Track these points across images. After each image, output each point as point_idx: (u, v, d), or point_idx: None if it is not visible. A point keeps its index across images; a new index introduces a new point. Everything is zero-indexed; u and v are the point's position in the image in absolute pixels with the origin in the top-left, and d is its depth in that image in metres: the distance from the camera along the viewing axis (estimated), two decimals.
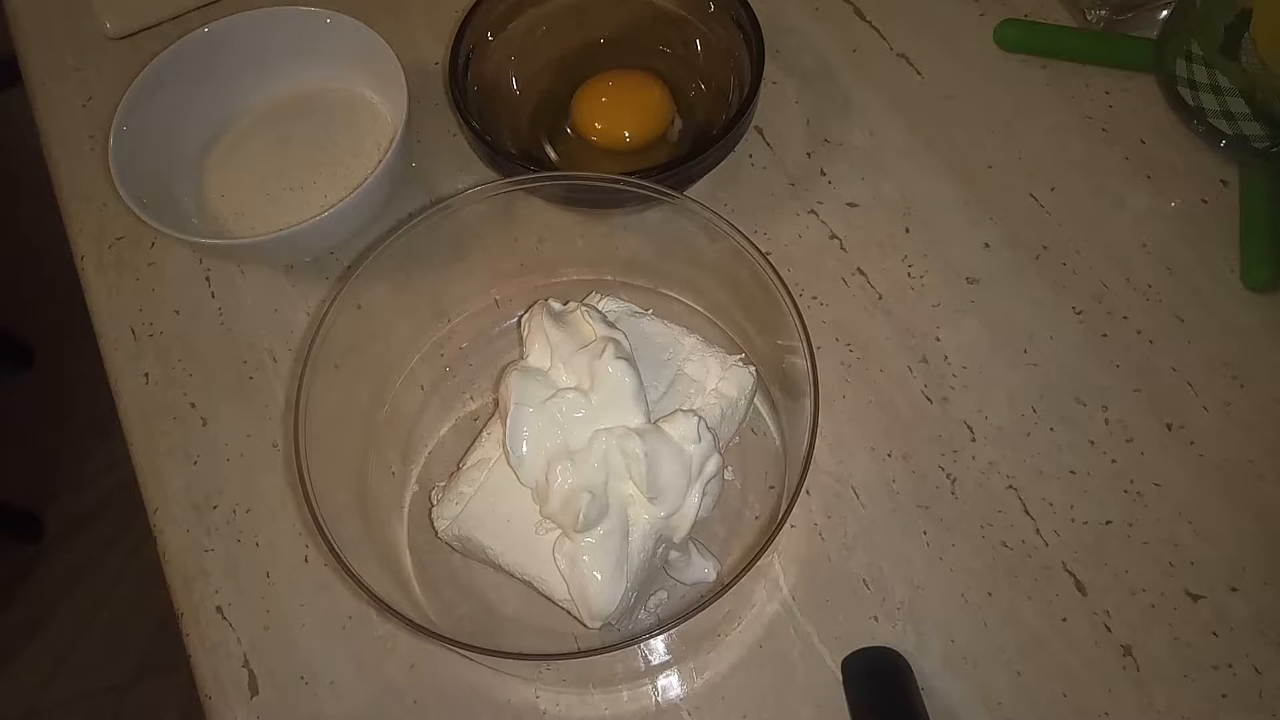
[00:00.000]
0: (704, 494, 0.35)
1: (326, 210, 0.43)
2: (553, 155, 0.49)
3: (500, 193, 0.41)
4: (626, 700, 0.38)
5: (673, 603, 0.39)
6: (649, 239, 0.47)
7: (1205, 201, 0.46)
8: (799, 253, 0.47)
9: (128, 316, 0.48)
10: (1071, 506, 0.40)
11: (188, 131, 0.50)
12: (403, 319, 0.45)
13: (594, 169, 0.48)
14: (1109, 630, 0.38)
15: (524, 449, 0.35)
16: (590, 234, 0.48)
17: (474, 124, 0.44)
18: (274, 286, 0.48)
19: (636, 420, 0.35)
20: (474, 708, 0.38)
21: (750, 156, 0.50)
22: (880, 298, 0.45)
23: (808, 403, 0.34)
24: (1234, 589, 0.38)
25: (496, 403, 0.39)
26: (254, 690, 0.39)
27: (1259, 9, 0.41)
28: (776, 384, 0.42)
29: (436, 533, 0.38)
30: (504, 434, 0.36)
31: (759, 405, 0.42)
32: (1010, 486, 0.41)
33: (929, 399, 0.43)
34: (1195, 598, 0.38)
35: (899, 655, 0.37)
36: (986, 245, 0.46)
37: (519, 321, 0.41)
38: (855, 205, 0.48)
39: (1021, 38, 0.51)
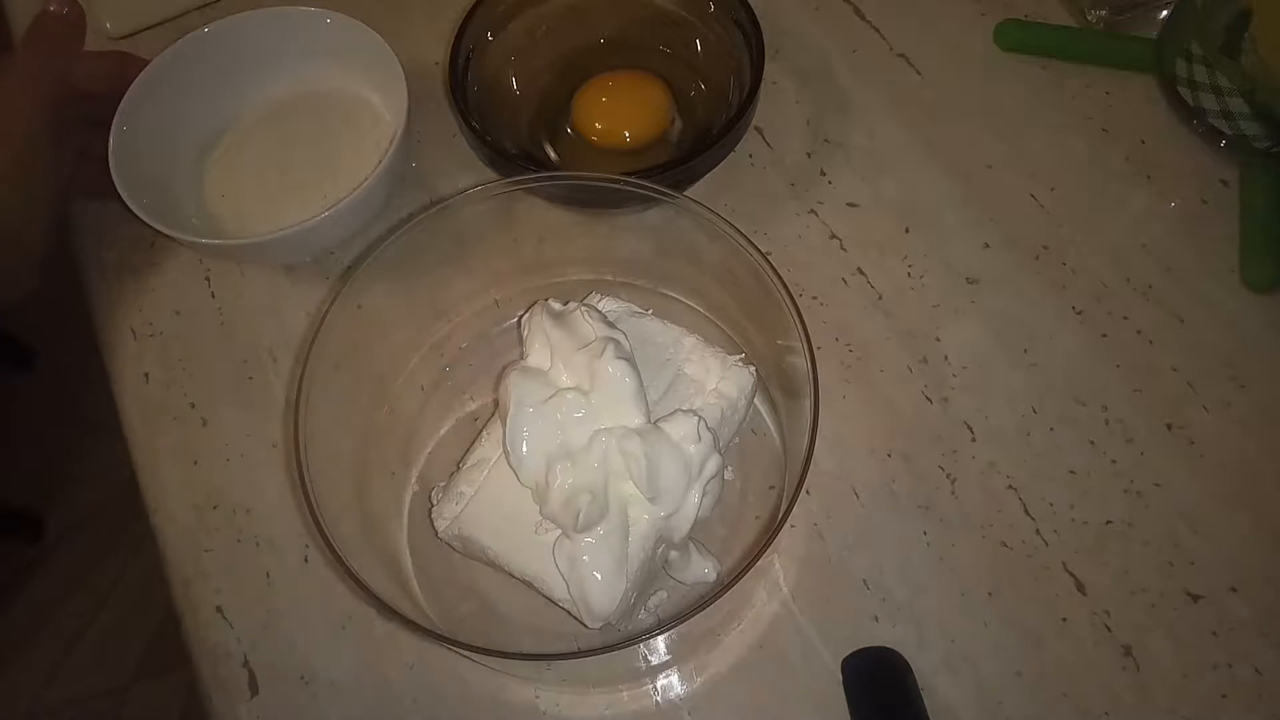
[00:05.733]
0: (704, 494, 0.35)
1: (326, 210, 0.43)
2: (553, 155, 0.49)
3: (500, 193, 0.41)
4: (626, 700, 0.38)
5: (673, 603, 0.39)
6: (649, 239, 0.47)
7: (1205, 201, 0.46)
8: (799, 253, 0.47)
9: (128, 316, 0.48)
10: (1071, 506, 0.40)
11: (188, 131, 0.50)
12: (403, 319, 0.45)
13: (594, 169, 0.48)
14: (1109, 630, 0.38)
15: (524, 449, 0.35)
16: (590, 234, 0.48)
17: (474, 124, 0.44)
18: (274, 286, 0.48)
19: (636, 420, 0.35)
20: (474, 708, 0.38)
21: (750, 156, 0.50)
22: (880, 298, 0.45)
23: (808, 403, 0.34)
24: (1234, 589, 0.38)
25: (496, 403, 0.39)
26: (254, 690, 0.39)
27: (1259, 9, 0.42)
28: (776, 384, 0.42)
29: (436, 533, 0.38)
30: (504, 434, 0.36)
31: (759, 405, 0.42)
32: (1010, 486, 0.41)
33: (929, 399, 0.43)
34: (1195, 598, 0.38)
35: (899, 655, 0.37)
36: (986, 245, 0.46)
37: (519, 321, 0.41)
38: (855, 205, 0.48)
39: (1021, 38, 0.51)
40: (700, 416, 0.35)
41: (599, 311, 0.38)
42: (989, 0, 0.53)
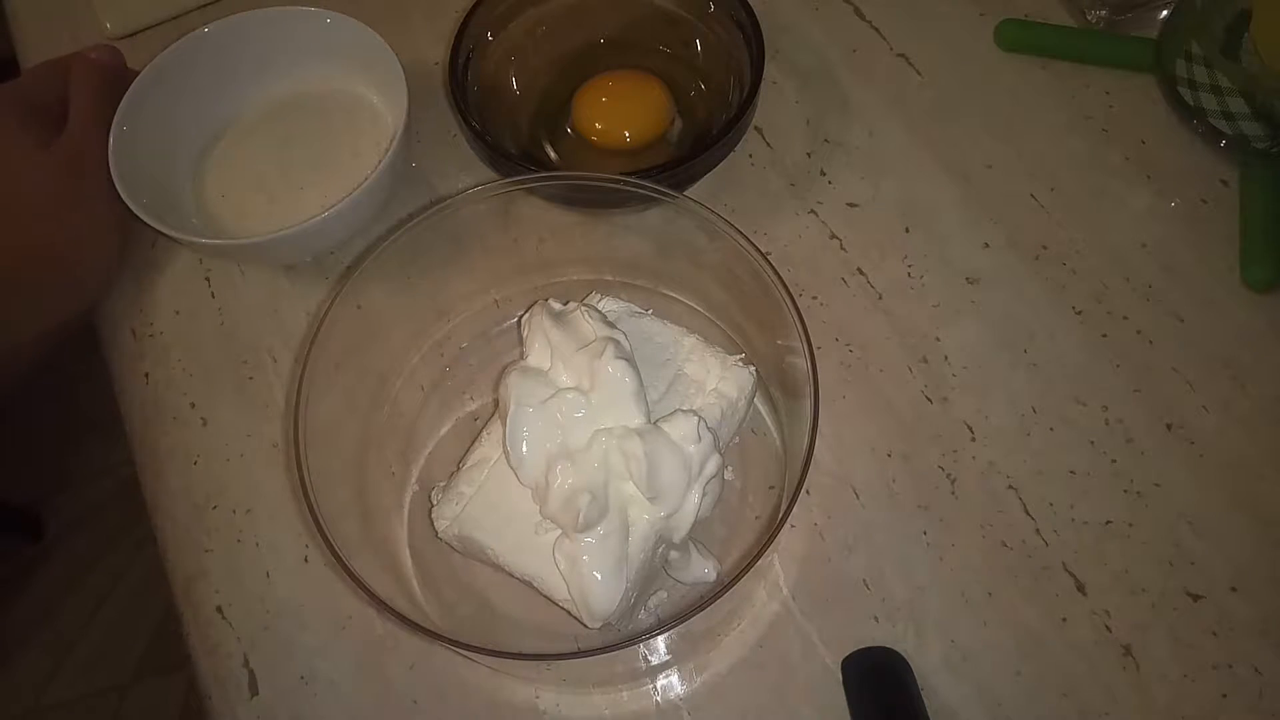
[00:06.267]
0: (704, 494, 0.35)
1: (326, 210, 0.43)
2: (553, 155, 0.49)
3: (500, 193, 0.41)
4: (626, 700, 0.38)
5: (673, 603, 0.39)
6: (649, 239, 0.47)
7: (1205, 201, 0.46)
8: (799, 253, 0.47)
9: (128, 316, 0.48)
10: (1071, 506, 0.40)
11: (188, 131, 0.50)
12: (403, 319, 0.45)
13: (594, 169, 0.48)
14: (1109, 630, 0.38)
15: (524, 449, 0.35)
16: (590, 234, 0.48)
17: (474, 124, 0.44)
18: (274, 286, 0.48)
19: (636, 420, 0.35)
20: (474, 708, 0.38)
21: (750, 156, 0.50)
22: (880, 298, 0.45)
23: (808, 403, 0.34)
24: (1234, 589, 0.38)
25: (496, 403, 0.39)
26: (254, 690, 0.39)
27: (1259, 9, 0.41)
28: (776, 384, 0.42)
29: (436, 533, 0.38)
30: (504, 434, 0.36)
31: (759, 405, 0.42)
32: (1010, 486, 0.41)
33: (929, 399, 0.43)
34: (1195, 598, 0.38)
35: (899, 655, 0.37)
36: (986, 245, 0.46)
37: (519, 321, 0.41)
38: (855, 205, 0.48)
39: (1021, 38, 0.51)
40: (700, 416, 0.35)
41: (599, 311, 0.38)
42: (989, 0, 0.53)
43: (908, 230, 0.47)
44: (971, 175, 0.48)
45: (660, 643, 0.38)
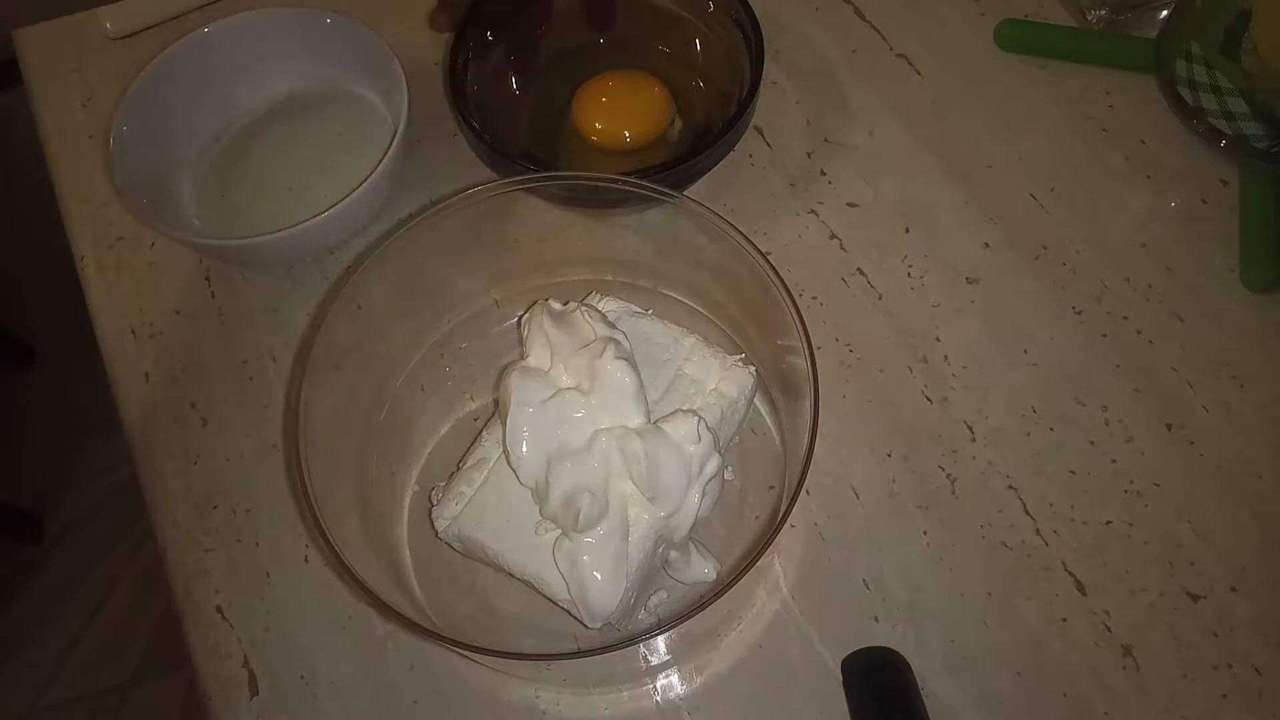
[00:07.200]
0: (704, 494, 0.35)
1: (326, 210, 0.43)
2: (553, 155, 0.49)
3: (500, 193, 0.41)
4: (626, 700, 0.38)
5: (673, 603, 0.39)
6: (649, 239, 0.47)
7: (1205, 201, 0.46)
8: (799, 253, 0.47)
9: (128, 316, 0.48)
10: (1071, 506, 0.40)
11: (188, 131, 0.50)
12: (403, 319, 0.45)
13: (594, 169, 0.48)
14: (1109, 630, 0.38)
15: (524, 449, 0.35)
16: (590, 234, 0.48)
17: (474, 124, 0.44)
18: (274, 286, 0.48)
19: (636, 420, 0.35)
20: (474, 708, 0.38)
21: (750, 156, 0.50)
22: (880, 298, 0.45)
23: (808, 403, 0.34)
24: (1234, 589, 0.38)
25: (496, 403, 0.39)
26: (254, 690, 0.39)
27: (1259, 9, 0.41)
28: (776, 384, 0.42)
29: (436, 533, 0.38)
30: (504, 434, 0.36)
31: (759, 405, 0.42)
32: (1010, 486, 0.41)
33: (929, 399, 0.43)
34: (1195, 598, 0.38)
35: (899, 655, 0.37)
36: (986, 245, 0.46)
37: (519, 321, 0.41)
38: (855, 205, 0.48)
39: (1021, 38, 0.51)
40: (700, 416, 0.35)
41: (599, 311, 0.39)
42: (989, 0, 0.53)
43: (908, 230, 0.47)
44: (971, 175, 0.48)
45: (660, 643, 0.38)
